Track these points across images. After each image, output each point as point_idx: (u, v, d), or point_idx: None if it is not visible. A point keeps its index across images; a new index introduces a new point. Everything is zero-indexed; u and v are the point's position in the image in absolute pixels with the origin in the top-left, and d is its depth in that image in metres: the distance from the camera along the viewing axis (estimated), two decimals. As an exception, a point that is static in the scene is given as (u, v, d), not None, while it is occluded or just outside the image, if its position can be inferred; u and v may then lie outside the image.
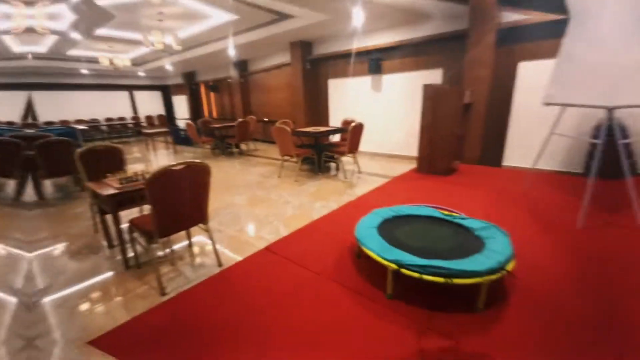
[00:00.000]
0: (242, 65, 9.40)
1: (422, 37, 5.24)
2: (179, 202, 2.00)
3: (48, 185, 4.90)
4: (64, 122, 10.94)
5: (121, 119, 12.44)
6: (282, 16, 5.38)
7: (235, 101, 10.13)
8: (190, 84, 12.05)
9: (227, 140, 7.14)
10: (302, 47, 6.80)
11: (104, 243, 2.81)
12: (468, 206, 3.29)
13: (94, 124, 10.41)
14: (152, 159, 7.39)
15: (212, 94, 11.44)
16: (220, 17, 5.84)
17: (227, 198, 4.05)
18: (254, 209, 3.61)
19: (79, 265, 2.49)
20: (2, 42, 6.60)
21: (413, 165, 5.38)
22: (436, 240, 2.08)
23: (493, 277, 1.67)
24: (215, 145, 7.64)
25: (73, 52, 8.38)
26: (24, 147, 4.03)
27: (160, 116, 13.76)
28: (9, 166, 4.05)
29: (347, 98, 6.81)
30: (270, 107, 9.01)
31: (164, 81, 13.57)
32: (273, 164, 6.20)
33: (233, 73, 9.70)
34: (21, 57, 7.67)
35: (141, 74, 11.92)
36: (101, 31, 6.29)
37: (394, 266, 1.76)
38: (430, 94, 4.30)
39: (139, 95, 13.04)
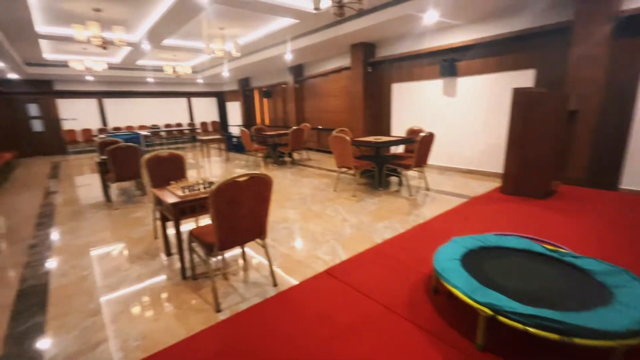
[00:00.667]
0: (297, 70, 9.80)
1: (510, 33, 4.86)
2: (241, 215, 2.07)
3: (113, 188, 5.59)
4: (129, 128, 12.57)
5: (178, 125, 13.84)
6: (345, 17, 5.48)
7: (289, 107, 10.55)
8: (244, 90, 12.94)
9: (280, 148, 7.41)
10: (364, 49, 6.83)
11: (163, 250, 3.06)
12: (575, 240, 2.86)
13: (154, 130, 11.73)
14: (206, 166, 8.00)
15: (265, 100, 12.10)
16: (280, 22, 6.19)
17: (279, 211, 4.14)
18: (309, 225, 3.62)
19: (139, 269, 2.73)
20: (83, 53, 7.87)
21: (496, 184, 4.94)
22: (541, 282, 1.81)
23: (633, 341, 1.37)
24: (268, 154, 7.98)
25: (141, 61, 9.64)
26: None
27: (214, 122, 15.01)
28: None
29: (414, 104, 6.60)
30: (325, 113, 9.17)
31: (220, 87, 14.81)
32: (328, 175, 6.23)
33: (288, 78, 10.16)
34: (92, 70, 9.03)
35: (199, 81, 13.18)
36: (168, 41, 7.12)
37: (488, 311, 1.56)
38: (522, 99, 3.92)
39: (196, 101, 14.41)
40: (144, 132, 10.27)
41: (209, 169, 7.68)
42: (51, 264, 2.92)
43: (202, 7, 4.86)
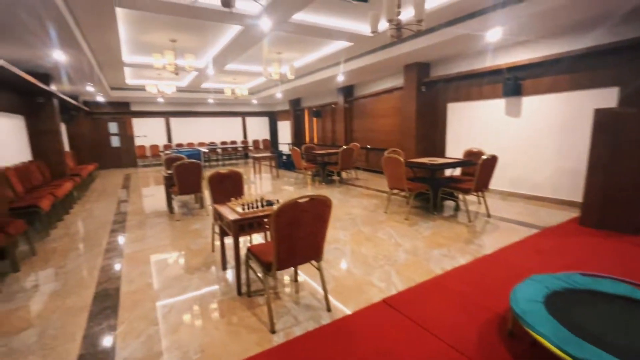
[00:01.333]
0: (347, 90, 9.94)
1: (586, 49, 4.42)
2: (300, 236, 2.05)
3: (175, 200, 6.00)
4: (189, 144, 13.66)
5: (233, 142, 14.70)
6: (401, 39, 5.46)
7: (338, 127, 10.67)
8: (295, 110, 13.42)
9: (329, 167, 7.45)
10: (418, 68, 6.71)
11: (220, 263, 3.16)
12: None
13: (212, 147, 12.58)
14: (257, 182, 8.31)
15: (314, 119, 12.41)
16: (334, 45, 6.36)
17: (330, 232, 4.09)
18: (360, 248, 3.51)
19: (197, 281, 2.83)
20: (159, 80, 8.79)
21: (571, 214, 4.42)
22: (651, 339, 1.50)
23: None
24: (316, 172, 8.07)
25: (205, 85, 10.52)
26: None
27: (264, 140, 15.70)
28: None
29: (472, 125, 6.26)
30: (374, 133, 9.10)
31: (272, 107, 15.55)
32: (377, 196, 6.09)
33: (338, 98, 10.33)
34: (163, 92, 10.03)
35: (254, 101, 13.98)
36: (230, 66, 7.68)
37: (586, 370, 1.32)
38: (606, 121, 3.49)
39: (250, 120, 15.26)
40: (203, 149, 11.05)
41: (260, 185, 7.96)
42: (122, 269, 3.16)
43: (263, 35, 5.18)
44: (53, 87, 6.72)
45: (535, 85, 5.17)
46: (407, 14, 4.23)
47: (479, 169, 4.11)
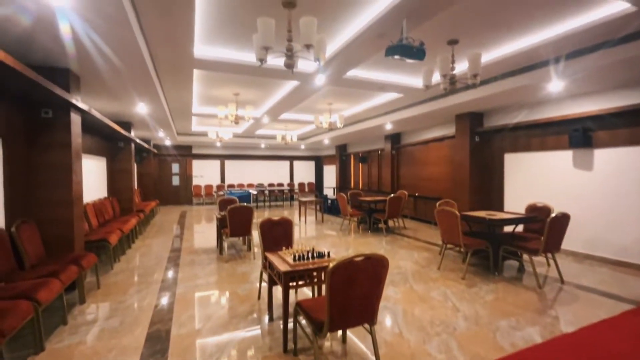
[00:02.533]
0: (394, 137, 10.00)
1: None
2: (354, 296, 1.96)
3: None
4: (240, 185, 14.44)
5: (280, 184, 15.27)
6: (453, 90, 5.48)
7: (384, 173, 10.61)
8: (341, 155, 13.72)
9: (376, 215, 7.29)
10: (471, 118, 6.59)
11: (267, 312, 3.10)
12: None
13: (260, 189, 13.16)
14: (302, 226, 8.36)
15: (360, 165, 12.51)
16: (384, 96, 6.56)
17: (379, 286, 3.88)
18: (414, 309, 3.24)
19: (243, 332, 2.78)
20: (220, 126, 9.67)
21: (668, 286, 3.72)
22: None
23: None
24: (362, 219, 7.93)
25: (259, 132, 11.31)
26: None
27: (310, 183, 16.07)
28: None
29: (534, 177, 5.82)
30: (423, 181, 8.86)
31: (319, 152, 16.09)
32: (428, 249, 5.74)
33: (385, 145, 10.40)
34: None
35: (302, 147, 14.63)
36: (284, 115, 8.24)
37: None
38: None
39: (297, 164, 15.87)
40: (252, 191, 11.58)
41: (305, 229, 7.99)
42: (173, 310, 3.24)
43: (317, 89, 5.54)
44: (132, 133, 7.71)
45: (610, 137, 4.74)
46: (461, 66, 4.27)
47: (547, 228, 3.72)
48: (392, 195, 7.04)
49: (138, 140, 7.96)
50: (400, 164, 9.96)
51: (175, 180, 13.55)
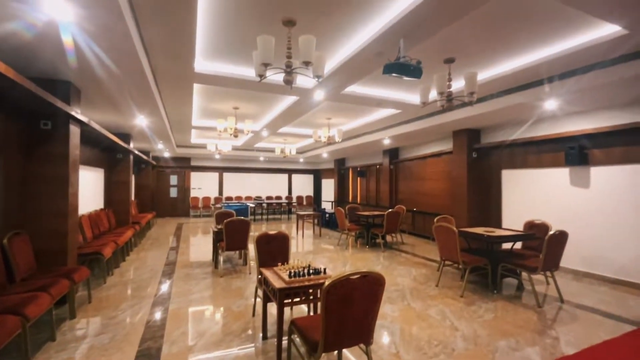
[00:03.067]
0: (393, 152, 10.06)
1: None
2: (350, 316, 1.92)
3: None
4: (237, 198, 14.38)
5: (278, 197, 15.22)
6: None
7: (382, 187, 10.61)
8: (339, 168, 13.75)
9: (373, 230, 7.24)
10: (468, 134, 6.65)
11: (261, 330, 3.03)
12: None
13: (258, 202, 13.10)
14: (299, 240, 8.29)
15: (359, 179, 12.53)
16: (382, 112, 6.63)
17: (376, 303, 3.81)
18: (411, 328, 3.18)
19: (236, 350, 2.70)
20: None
21: (669, 306, 3.67)
22: None
23: None
24: (360, 234, 7.87)
25: (258, 144, 11.36)
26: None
27: (308, 197, 16.03)
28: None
29: (532, 194, 5.83)
30: (421, 196, 8.86)
31: (317, 166, 16.13)
32: (426, 265, 5.68)
33: (383, 160, 10.45)
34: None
35: (301, 160, 14.67)
36: (283, 129, 8.29)
37: None
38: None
39: (295, 177, 15.88)
40: (250, 203, 11.53)
41: (302, 243, 7.91)
42: (165, 326, 3.16)
43: (316, 104, 5.60)
44: (131, 145, 7.72)
45: (605, 155, 4.78)
46: (457, 84, 4.34)
47: (546, 246, 3.69)
48: (390, 210, 7.02)
49: (137, 152, 7.97)
50: (398, 179, 9.97)
51: (173, 192, 13.50)
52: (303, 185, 16.12)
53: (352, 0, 2.73)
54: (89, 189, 6.29)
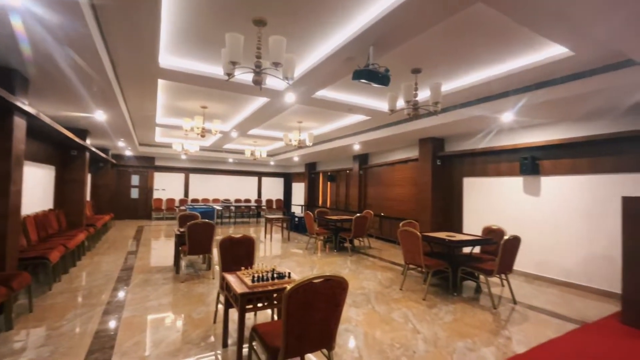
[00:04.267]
0: (362, 158, 10.23)
1: (609, 134, 4.47)
2: (312, 321, 1.89)
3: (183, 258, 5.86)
4: (204, 200, 13.88)
5: (247, 200, 14.90)
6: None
7: (351, 192, 10.74)
8: (310, 172, 13.75)
9: (342, 234, 7.29)
10: (433, 143, 6.92)
11: (221, 337, 2.90)
12: None
13: (226, 204, 12.73)
14: (267, 244, 8.14)
15: (329, 183, 12.59)
16: (352, 118, 6.73)
17: (341, 307, 3.81)
18: (374, 332, 3.20)
19: (193, 357, 2.58)
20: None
21: (610, 306, 4.02)
22: None
23: None
24: (328, 238, 7.89)
25: (227, 146, 11.07)
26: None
27: (278, 200, 15.85)
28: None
29: (490, 201, 6.17)
30: (388, 201, 9.06)
31: (288, 169, 16.01)
32: (391, 269, 5.79)
33: (353, 165, 10.59)
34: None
35: (271, 163, 14.50)
36: (253, 131, 8.15)
37: None
38: (637, 211, 3.34)
39: (265, 180, 15.65)
40: (217, 206, 11.17)
41: (270, 247, 7.78)
42: (116, 337, 2.94)
43: (287, 107, 5.57)
44: (88, 142, 7.21)
45: (554, 166, 5.17)
46: (423, 94, 4.50)
47: (501, 250, 3.90)
48: (358, 214, 7.10)
49: (94, 149, 7.45)
50: (367, 184, 10.15)
51: (134, 193, 12.76)
52: (273, 189, 15.92)
53: (325, 5, 2.74)
54: (37, 188, 5.77)
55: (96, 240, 7.52)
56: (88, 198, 9.50)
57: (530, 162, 5.31)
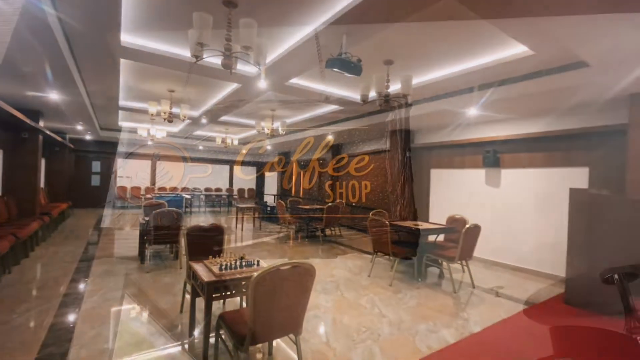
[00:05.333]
0: (335, 147, 10.29)
1: (561, 131, 4.81)
2: (279, 307, 1.91)
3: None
4: (173, 189, 13.38)
5: (218, 190, 14.54)
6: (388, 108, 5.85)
7: (324, 181, 10.81)
8: (283, 162, 13.64)
9: (313, 223, 7.34)
10: (403, 135, 7.08)
11: (187, 327, 2.86)
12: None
13: (195, 193, 12.35)
14: (238, 233, 8.03)
15: (301, 172, 12.57)
16: (325, 108, 6.72)
17: (311, 297, 3.86)
18: (343, 317, 3.29)
19: (159, 350, 2.51)
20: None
21: (555, 288, 4.38)
22: None
23: None
24: (300, 227, 7.92)
25: (197, 132, 10.68)
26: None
27: (249, 189, 15.61)
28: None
29: (454, 191, 6.46)
30: (360, 191, 9.22)
31: (260, 158, 15.77)
32: (361, 257, 5.94)
33: (327, 155, 10.63)
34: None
35: (244, 151, 14.19)
36: (223, 117, 7.90)
37: None
38: (581, 202, 3.65)
39: (237, 169, 15.32)
40: (186, 195, 10.82)
41: (241, 236, 7.69)
42: (74, 329, 2.80)
43: (259, 94, 5.44)
44: (41, 124, 6.66)
45: (513, 160, 5.49)
46: (395, 87, 4.57)
47: (462, 238, 4.12)
48: (329, 204, 7.17)
49: (48, 132, 6.90)
50: (340, 174, 10.23)
51: (95, 180, 12.02)
52: (245, 178, 15.63)
53: (296, -10, 2.68)
54: (-19, 173, 5.28)
55: (52, 229, 7.04)
56: (42, 185, 8.82)
57: (493, 155, 5.61)
